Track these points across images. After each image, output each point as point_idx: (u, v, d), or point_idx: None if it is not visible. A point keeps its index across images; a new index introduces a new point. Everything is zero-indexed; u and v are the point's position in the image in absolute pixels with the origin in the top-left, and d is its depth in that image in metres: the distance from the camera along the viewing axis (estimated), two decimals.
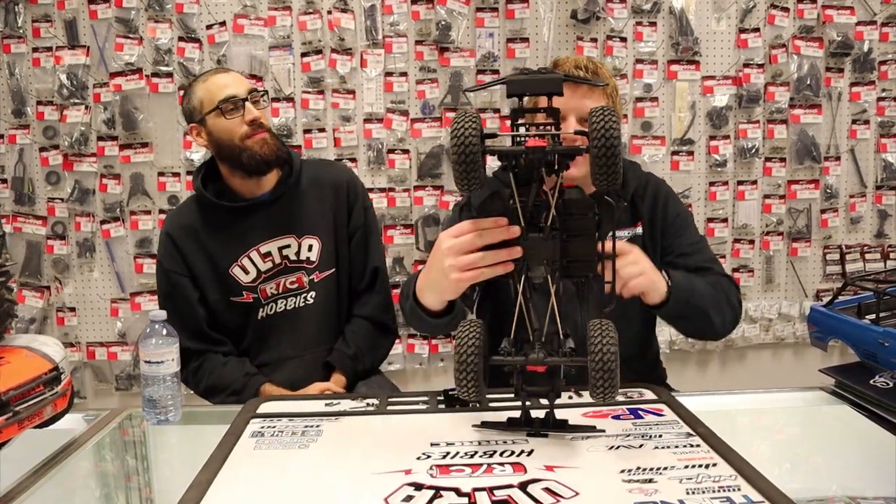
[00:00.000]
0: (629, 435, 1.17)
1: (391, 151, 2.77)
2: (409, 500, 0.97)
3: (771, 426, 1.52)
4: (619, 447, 1.12)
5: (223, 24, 2.68)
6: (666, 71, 2.79)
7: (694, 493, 0.97)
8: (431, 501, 0.97)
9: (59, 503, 1.24)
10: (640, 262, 1.39)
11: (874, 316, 1.43)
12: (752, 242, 2.88)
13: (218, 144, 1.81)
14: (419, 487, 1.00)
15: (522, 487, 0.99)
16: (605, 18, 2.75)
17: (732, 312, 1.62)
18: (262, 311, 1.86)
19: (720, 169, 2.83)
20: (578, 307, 1.21)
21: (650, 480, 1.01)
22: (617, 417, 1.25)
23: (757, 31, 2.79)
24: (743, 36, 2.79)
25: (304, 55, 2.71)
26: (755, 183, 2.86)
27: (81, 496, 1.32)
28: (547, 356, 1.09)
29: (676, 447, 1.12)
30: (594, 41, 2.76)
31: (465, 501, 0.96)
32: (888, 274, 1.81)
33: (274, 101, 2.68)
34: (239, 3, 2.68)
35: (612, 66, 2.73)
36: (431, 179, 2.78)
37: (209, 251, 1.84)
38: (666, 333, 2.80)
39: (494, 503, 0.95)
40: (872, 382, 1.38)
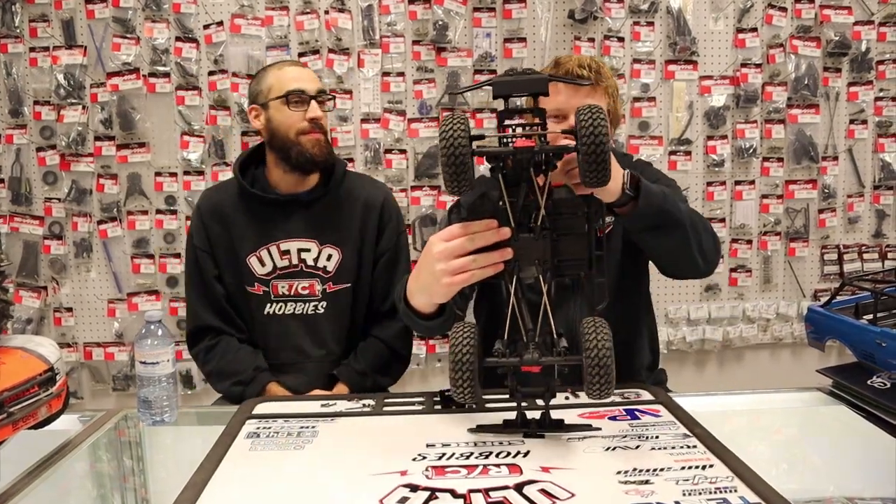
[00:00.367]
0: (626, 436, 1.17)
1: (388, 151, 2.76)
2: (404, 501, 0.97)
3: (768, 427, 1.51)
4: (615, 448, 1.12)
5: (220, 23, 2.68)
6: (663, 71, 2.79)
7: (690, 494, 0.97)
8: (427, 503, 0.97)
9: None
10: None
11: (872, 316, 1.43)
12: (749, 242, 2.88)
13: (273, 132, 1.82)
14: (415, 489, 1.00)
15: (518, 489, 0.99)
16: (602, 18, 2.74)
17: (713, 240, 1.49)
18: (270, 307, 1.85)
19: (718, 169, 2.82)
20: (571, 306, 1.21)
21: (646, 482, 1.01)
22: (613, 418, 1.25)
23: (754, 30, 2.79)
24: (740, 36, 2.78)
25: (301, 55, 2.70)
26: (753, 183, 2.86)
27: (77, 497, 1.32)
28: (541, 356, 1.09)
29: (673, 448, 1.12)
30: (591, 41, 2.75)
31: (460, 503, 0.96)
32: (886, 274, 1.81)
33: None
34: (236, 2, 2.68)
35: (609, 66, 2.72)
36: (429, 179, 2.77)
37: (232, 235, 1.85)
38: (664, 334, 2.80)
39: None
40: (870, 383, 1.38)
